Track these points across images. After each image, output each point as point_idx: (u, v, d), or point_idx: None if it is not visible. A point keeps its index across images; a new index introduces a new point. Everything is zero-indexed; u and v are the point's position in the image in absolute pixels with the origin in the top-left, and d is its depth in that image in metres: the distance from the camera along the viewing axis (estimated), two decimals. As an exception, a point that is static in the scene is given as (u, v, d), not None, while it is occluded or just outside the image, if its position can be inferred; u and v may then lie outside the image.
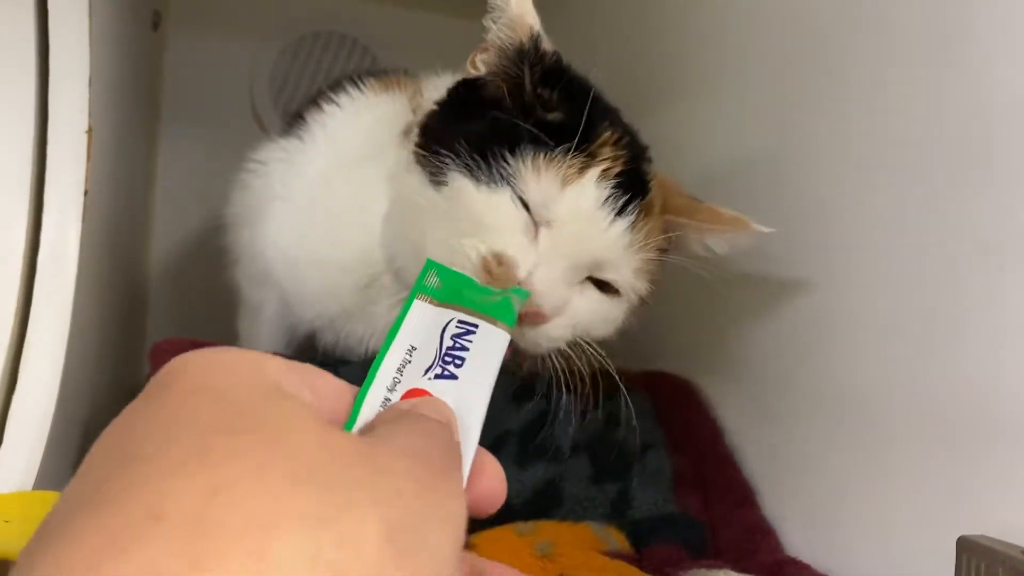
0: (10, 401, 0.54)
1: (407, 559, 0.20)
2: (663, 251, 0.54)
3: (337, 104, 0.68)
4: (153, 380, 0.25)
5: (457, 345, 0.32)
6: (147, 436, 0.22)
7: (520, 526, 0.58)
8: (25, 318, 0.56)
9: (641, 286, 0.53)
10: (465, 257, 0.48)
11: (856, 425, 0.57)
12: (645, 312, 0.57)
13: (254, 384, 0.24)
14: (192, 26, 1.14)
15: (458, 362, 0.31)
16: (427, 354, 0.31)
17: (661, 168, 0.58)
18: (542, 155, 0.49)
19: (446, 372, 0.31)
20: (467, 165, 0.50)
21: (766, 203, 0.68)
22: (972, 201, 0.49)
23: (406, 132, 0.61)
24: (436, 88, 0.63)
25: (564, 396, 0.73)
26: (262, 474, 0.20)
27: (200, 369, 0.25)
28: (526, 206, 0.49)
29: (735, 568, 0.54)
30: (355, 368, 0.61)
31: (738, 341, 0.71)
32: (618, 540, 0.59)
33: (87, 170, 0.60)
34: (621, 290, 0.53)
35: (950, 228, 0.50)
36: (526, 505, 0.62)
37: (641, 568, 0.55)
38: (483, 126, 0.52)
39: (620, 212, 0.50)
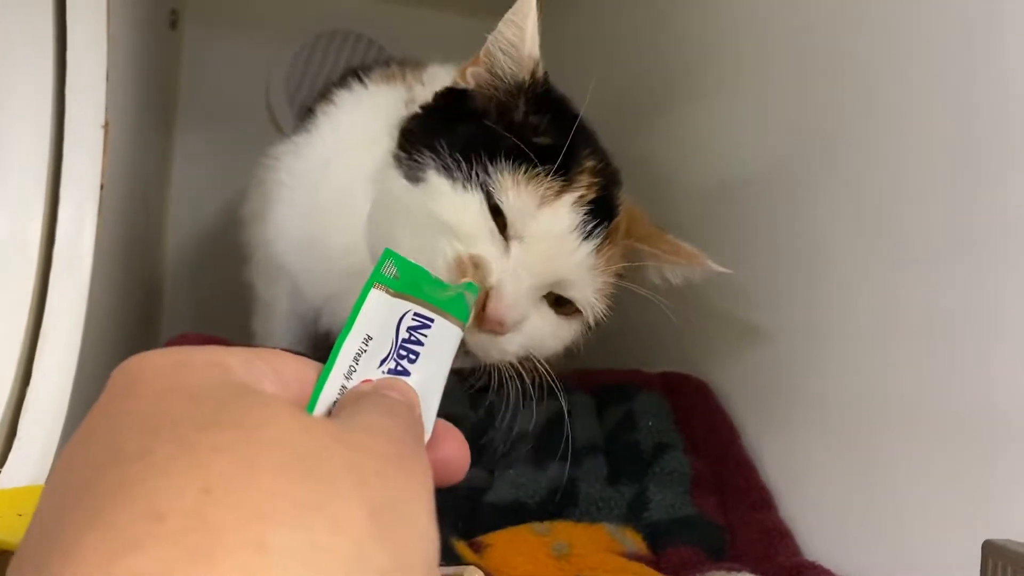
0: (25, 395, 0.54)
1: (389, 536, 0.22)
2: (621, 276, 0.56)
3: (341, 96, 0.70)
4: (112, 382, 0.26)
5: (412, 338, 0.32)
6: (127, 435, 0.23)
7: (536, 526, 0.57)
8: (40, 312, 0.56)
9: (600, 307, 0.55)
10: (440, 254, 0.49)
11: (877, 428, 0.56)
12: (591, 336, 0.58)
13: (221, 380, 0.25)
14: (209, 25, 1.15)
15: (412, 356, 0.32)
16: (383, 345, 0.31)
17: (675, 169, 0.58)
18: (523, 171, 0.50)
19: (400, 367, 0.31)
20: (445, 165, 0.51)
21: (783, 204, 0.67)
22: (1003, 202, 0.48)
23: (397, 127, 0.62)
24: (440, 83, 0.64)
25: (579, 396, 0.73)
26: (250, 467, 0.21)
27: (164, 370, 0.25)
28: (495, 217, 0.50)
29: (753, 571, 0.53)
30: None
31: (755, 343, 0.70)
32: (634, 541, 0.58)
33: (103, 164, 0.60)
34: (581, 308, 0.54)
35: (977, 230, 0.50)
36: (541, 505, 0.62)
37: (659, 570, 0.54)
38: (469, 130, 0.53)
39: (588, 236, 0.52)
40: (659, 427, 0.69)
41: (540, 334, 0.53)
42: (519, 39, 0.53)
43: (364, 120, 0.68)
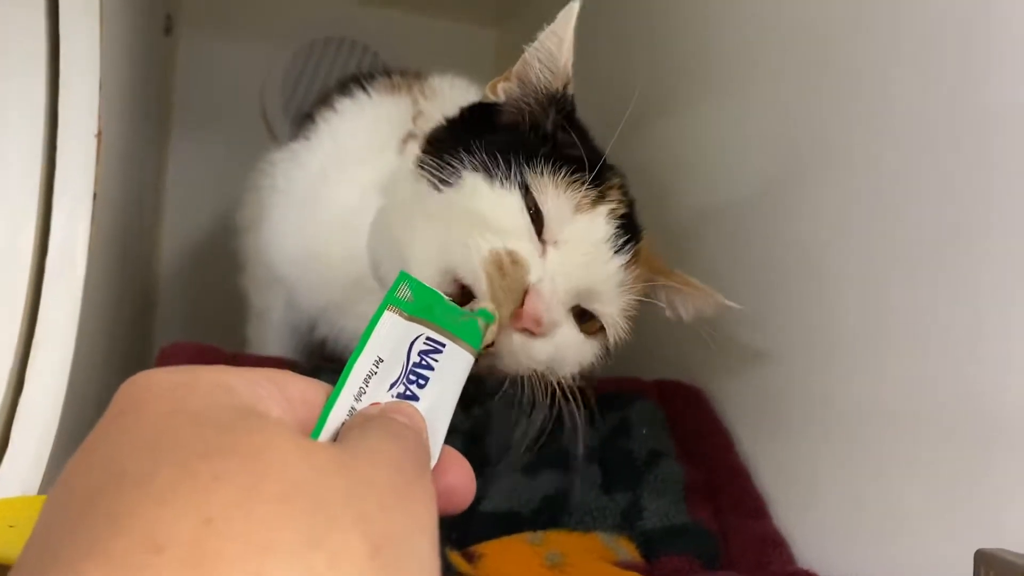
0: (17, 404, 0.53)
1: (390, 571, 0.21)
2: (640, 302, 0.56)
3: (343, 104, 0.69)
4: (116, 401, 0.25)
5: (423, 363, 0.32)
6: (130, 458, 0.22)
7: (530, 536, 0.57)
8: (33, 321, 0.56)
9: (622, 328, 0.55)
10: (475, 249, 0.48)
11: (870, 436, 0.56)
12: (607, 361, 0.58)
13: (225, 403, 0.25)
14: (204, 31, 1.15)
15: (422, 382, 0.32)
16: (393, 368, 0.31)
17: (668, 179, 0.58)
18: (562, 175, 0.51)
19: (408, 392, 0.31)
20: (483, 163, 0.51)
21: (774, 214, 0.68)
22: (988, 208, 0.48)
23: (405, 141, 0.61)
24: (444, 96, 0.63)
25: (572, 404, 0.72)
26: (250, 498, 0.21)
27: (169, 391, 0.25)
28: (533, 219, 0.50)
29: (747, 580, 0.53)
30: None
31: (750, 351, 0.70)
32: (628, 550, 0.58)
33: (96, 173, 0.60)
34: (607, 325, 0.54)
35: (964, 236, 0.50)
36: (535, 514, 0.62)
37: (652, 579, 0.55)
38: (503, 136, 0.54)
39: (619, 250, 0.52)
40: (653, 435, 0.69)
41: (567, 346, 0.52)
42: (558, 50, 0.54)
43: (367, 129, 0.67)
